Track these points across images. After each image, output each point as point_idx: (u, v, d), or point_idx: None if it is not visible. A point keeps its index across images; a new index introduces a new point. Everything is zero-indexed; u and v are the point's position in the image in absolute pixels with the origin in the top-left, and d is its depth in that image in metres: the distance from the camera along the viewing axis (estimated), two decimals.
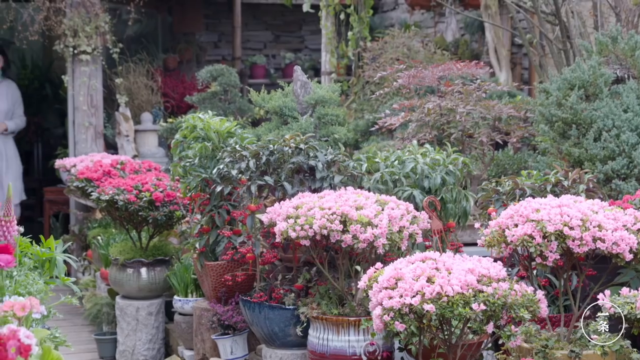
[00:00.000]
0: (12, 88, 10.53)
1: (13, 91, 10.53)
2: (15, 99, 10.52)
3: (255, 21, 13.18)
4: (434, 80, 6.57)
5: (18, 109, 10.55)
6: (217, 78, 8.77)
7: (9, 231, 3.34)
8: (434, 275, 3.54)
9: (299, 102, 6.40)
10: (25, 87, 12.69)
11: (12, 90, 10.50)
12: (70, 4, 9.56)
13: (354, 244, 4.18)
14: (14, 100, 10.48)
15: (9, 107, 10.42)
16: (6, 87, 10.45)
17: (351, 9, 9.54)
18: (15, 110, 10.52)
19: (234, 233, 5.26)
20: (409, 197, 4.76)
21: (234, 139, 5.53)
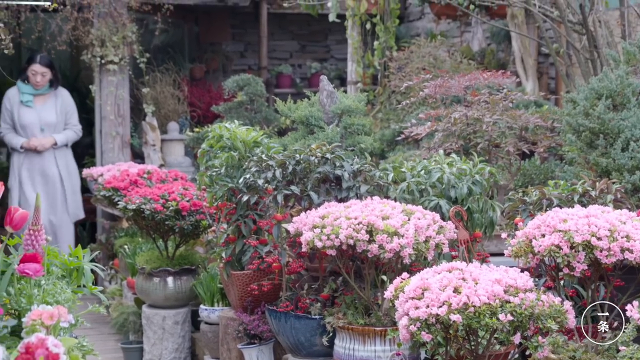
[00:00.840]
0: (63, 98, 9.62)
1: (63, 101, 9.60)
2: (67, 109, 9.62)
3: (281, 31, 13.21)
4: (461, 90, 6.55)
5: (70, 119, 9.64)
6: (244, 88, 8.79)
7: (37, 240, 3.36)
8: (461, 285, 3.53)
9: (325, 111, 6.40)
10: None
11: (62, 100, 9.59)
12: (98, 14, 9.62)
13: (380, 253, 4.17)
14: (65, 110, 9.58)
15: (58, 119, 9.51)
16: (54, 98, 9.54)
17: (377, 19, 9.54)
18: (68, 121, 9.61)
19: (260, 242, 5.26)
20: (435, 207, 4.75)
21: (260, 149, 5.54)
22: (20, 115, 9.35)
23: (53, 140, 9.40)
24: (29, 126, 9.34)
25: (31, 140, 9.29)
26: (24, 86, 9.35)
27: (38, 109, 9.41)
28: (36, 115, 9.38)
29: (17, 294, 3.17)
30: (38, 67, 9.28)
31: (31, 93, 9.37)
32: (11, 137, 9.39)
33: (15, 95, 9.40)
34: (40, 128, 9.36)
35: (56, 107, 9.47)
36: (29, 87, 9.34)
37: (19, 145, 9.30)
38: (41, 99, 9.45)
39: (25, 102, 9.32)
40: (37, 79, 9.27)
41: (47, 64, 9.33)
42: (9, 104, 9.39)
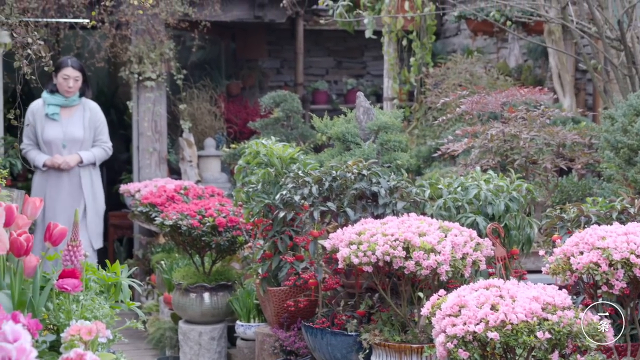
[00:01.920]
0: (92, 111, 8.54)
1: (93, 115, 8.53)
2: (97, 124, 8.55)
3: (317, 47, 13.24)
4: (497, 106, 6.54)
5: (100, 135, 8.56)
6: (280, 104, 8.81)
7: (76, 256, 3.38)
8: (498, 302, 3.51)
9: (362, 128, 6.40)
10: None
11: (91, 114, 8.53)
12: (135, 31, 9.69)
13: (417, 270, 4.17)
14: (94, 125, 8.51)
15: (86, 134, 8.44)
16: (82, 111, 8.49)
17: (413, 35, 9.54)
18: (97, 137, 8.56)
19: (296, 259, 5.27)
20: (472, 223, 4.74)
21: (296, 165, 5.55)
22: (44, 130, 8.34)
23: (79, 158, 8.39)
24: (53, 142, 8.36)
25: (55, 158, 8.29)
26: (51, 97, 8.36)
27: (64, 122, 8.40)
28: (61, 130, 8.38)
29: (55, 309, 3.20)
30: (70, 71, 8.24)
31: (58, 104, 8.35)
32: (34, 154, 8.38)
33: (40, 108, 8.39)
34: (62, 144, 8.38)
35: (84, 122, 8.48)
36: (57, 97, 8.34)
37: (42, 163, 8.30)
38: (68, 111, 8.42)
39: (51, 115, 8.32)
40: (69, 84, 8.25)
41: (79, 68, 8.37)
42: (33, 118, 8.39)
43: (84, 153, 8.42)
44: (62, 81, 8.25)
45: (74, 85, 8.30)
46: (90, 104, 8.57)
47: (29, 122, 8.32)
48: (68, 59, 8.33)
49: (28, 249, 3.15)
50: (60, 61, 8.31)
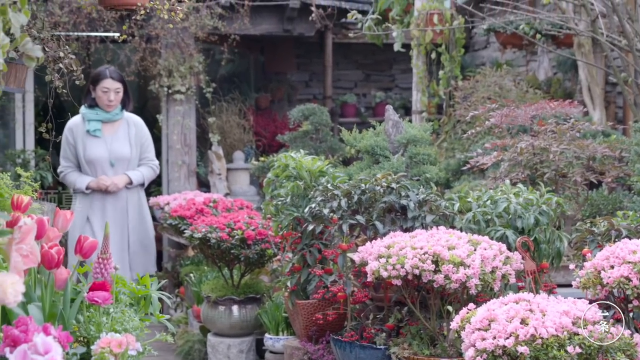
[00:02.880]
0: (137, 126, 7.72)
1: (138, 130, 7.70)
2: (143, 140, 7.71)
3: (346, 60, 13.26)
4: (527, 120, 6.52)
5: (146, 152, 7.72)
6: (309, 117, 8.83)
7: (106, 269, 3.40)
8: (528, 316, 3.50)
9: (391, 141, 6.40)
10: None
11: (137, 129, 7.69)
12: (165, 44, 9.75)
13: (446, 284, 4.16)
14: (140, 141, 7.66)
15: (133, 152, 7.61)
16: (127, 126, 7.64)
17: (442, 48, 9.53)
18: (144, 154, 7.71)
19: (325, 272, 5.27)
20: (501, 237, 4.72)
21: (325, 178, 5.56)
22: (86, 149, 7.45)
23: (127, 179, 7.55)
24: (98, 161, 7.47)
25: (101, 179, 7.43)
26: (90, 112, 7.48)
27: (108, 139, 7.51)
28: (105, 148, 7.49)
29: (86, 321, 3.22)
30: (110, 83, 7.40)
31: (99, 119, 7.47)
32: (74, 177, 7.52)
33: (79, 125, 7.51)
34: (110, 163, 7.48)
35: (129, 138, 7.60)
36: (97, 111, 7.46)
37: (85, 186, 7.45)
38: (111, 127, 7.54)
39: (93, 132, 7.44)
40: (109, 97, 7.38)
41: (119, 79, 7.50)
42: (72, 136, 7.48)
43: (133, 173, 7.58)
44: (101, 94, 7.40)
45: (114, 99, 7.45)
46: (134, 119, 7.73)
47: (68, 141, 7.42)
48: (106, 69, 7.46)
49: (59, 262, 3.17)
50: (98, 72, 7.46)
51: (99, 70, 7.40)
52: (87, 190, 7.41)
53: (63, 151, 7.49)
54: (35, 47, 3.41)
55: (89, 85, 7.16)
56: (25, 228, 2.75)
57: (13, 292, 2.41)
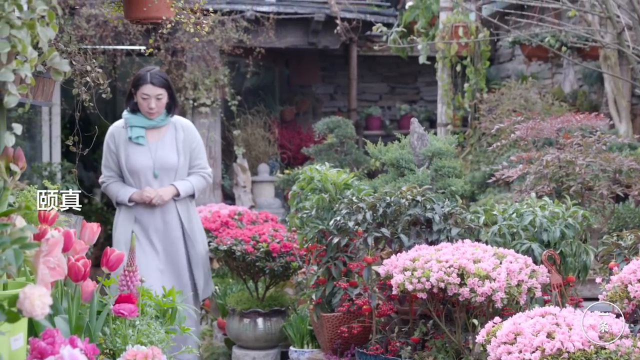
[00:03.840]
0: (186, 130, 6.61)
1: (187, 135, 6.61)
2: (193, 146, 6.63)
3: (370, 73, 13.27)
4: (553, 132, 6.50)
5: (197, 160, 6.66)
6: (334, 130, 8.84)
7: (132, 281, 3.42)
8: (554, 330, 3.48)
9: (416, 154, 6.39)
10: None
11: (186, 134, 6.60)
12: (191, 57, 9.79)
13: (472, 297, 4.14)
14: (189, 148, 6.60)
15: (180, 160, 6.52)
16: (174, 131, 6.56)
17: (468, 61, 9.53)
18: (194, 162, 6.65)
19: (350, 285, 5.26)
20: (527, 250, 4.71)
21: (350, 191, 5.56)
22: (128, 157, 6.48)
23: (174, 191, 6.47)
24: (141, 171, 6.47)
25: (144, 191, 6.41)
26: (133, 117, 6.50)
27: (152, 147, 6.51)
28: (150, 156, 6.48)
29: (112, 334, 3.23)
30: (150, 89, 6.39)
31: (142, 126, 6.49)
32: (116, 188, 6.53)
33: (121, 131, 6.54)
34: (153, 174, 6.47)
35: (177, 144, 6.57)
36: (140, 117, 6.47)
37: (127, 198, 6.44)
38: (156, 133, 6.55)
39: (135, 139, 6.47)
40: (150, 104, 6.41)
41: (162, 84, 6.44)
42: (114, 144, 6.55)
43: (180, 183, 6.51)
44: (141, 101, 6.42)
45: (156, 106, 6.41)
46: (183, 122, 6.67)
47: (110, 149, 6.54)
48: (147, 72, 6.44)
49: (85, 274, 3.18)
50: (138, 77, 6.46)
51: (139, 74, 6.46)
52: (130, 203, 6.43)
53: (105, 160, 6.60)
54: (63, 61, 3.43)
55: (130, 89, 6.42)
56: (52, 241, 2.77)
57: (40, 305, 2.42)
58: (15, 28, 3.13)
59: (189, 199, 6.58)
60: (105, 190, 6.60)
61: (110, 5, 4.97)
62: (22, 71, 3.21)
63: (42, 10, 3.26)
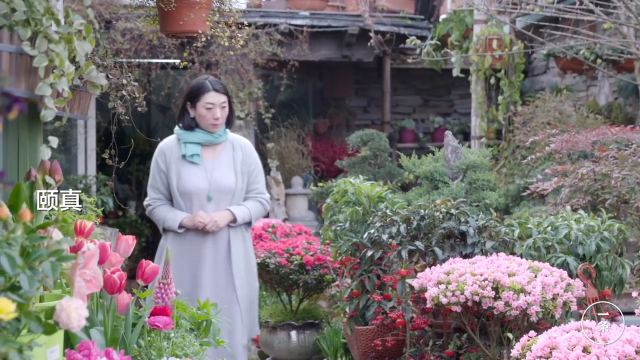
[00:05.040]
0: (244, 150, 5.83)
1: (246, 155, 5.83)
2: (252, 168, 5.83)
3: (404, 86, 13.26)
4: (588, 145, 6.46)
5: (255, 183, 5.85)
6: (367, 142, 8.84)
7: (167, 293, 3.43)
8: (590, 345, 3.45)
9: (450, 167, 6.38)
10: None
11: (244, 154, 5.82)
12: (225, 70, 9.84)
13: (506, 311, 4.12)
14: (248, 169, 5.80)
15: (238, 183, 5.73)
16: (232, 151, 5.79)
17: (502, 73, 9.51)
18: (251, 186, 5.84)
19: (384, 298, 5.25)
20: (562, 263, 4.68)
21: (384, 204, 5.56)
22: (181, 177, 5.68)
23: (231, 216, 5.68)
24: (195, 193, 5.68)
25: (197, 216, 5.62)
26: (187, 133, 5.72)
27: (208, 167, 5.72)
28: (205, 177, 5.69)
29: (147, 346, 3.24)
30: (214, 96, 5.62)
31: (199, 142, 5.71)
32: (164, 212, 5.73)
33: (173, 148, 5.75)
34: (207, 197, 5.68)
35: (235, 165, 5.76)
36: (196, 133, 5.69)
37: (178, 224, 5.65)
38: (212, 151, 5.77)
39: (190, 157, 5.69)
40: (215, 114, 5.62)
41: (224, 90, 5.71)
42: (164, 162, 5.74)
43: (237, 209, 5.72)
44: (204, 112, 5.62)
45: (221, 116, 5.66)
46: (241, 141, 5.89)
47: (159, 168, 5.75)
48: (206, 79, 5.70)
49: (121, 287, 3.20)
50: (198, 85, 5.69)
51: (198, 83, 5.69)
52: (180, 229, 5.64)
53: (152, 179, 5.79)
54: (100, 75, 3.46)
55: (184, 103, 5.69)
56: (89, 253, 2.79)
57: (77, 317, 2.44)
58: (53, 42, 3.16)
59: (245, 227, 5.79)
60: (151, 214, 5.80)
61: (145, 19, 5.01)
62: (60, 85, 3.24)
63: (79, 24, 3.29)
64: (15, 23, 3.18)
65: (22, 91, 3.21)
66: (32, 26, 3.17)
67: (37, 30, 3.18)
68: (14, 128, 3.57)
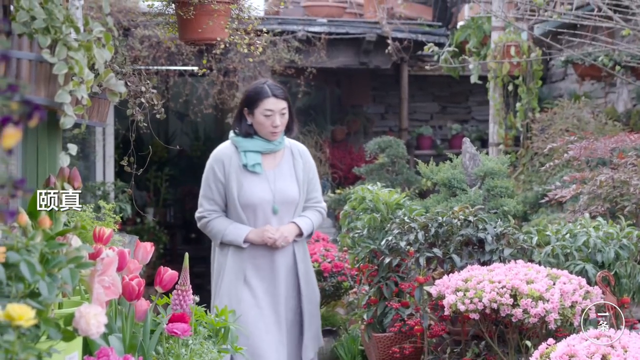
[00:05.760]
0: (304, 158, 5.33)
1: (306, 164, 5.32)
2: (311, 176, 5.32)
3: (421, 93, 13.25)
4: (606, 152, 6.44)
5: (313, 192, 5.34)
6: (385, 149, 8.84)
7: (185, 300, 3.44)
8: (609, 353, 3.44)
9: (468, 174, 6.38)
10: (197, 158, 13.10)
11: (304, 162, 5.31)
12: (242, 77, 9.85)
13: (525, 318, 4.12)
14: (307, 178, 5.29)
15: (301, 193, 5.22)
16: (291, 158, 5.30)
17: (520, 80, 9.49)
18: (310, 194, 5.32)
19: (401, 305, 5.25)
20: (581, 271, 4.67)
21: (402, 211, 5.55)
22: (242, 188, 5.13)
23: (297, 230, 5.18)
24: (259, 205, 5.14)
25: (266, 231, 5.08)
26: (246, 141, 5.19)
27: (270, 176, 5.20)
28: (268, 188, 5.16)
29: (165, 353, 3.25)
30: (274, 103, 5.13)
31: (259, 150, 5.19)
32: (223, 225, 5.15)
33: (232, 157, 5.21)
34: (272, 209, 5.15)
35: (296, 174, 5.27)
36: (255, 141, 5.17)
37: (243, 239, 5.09)
38: (271, 160, 5.27)
39: (252, 167, 5.16)
40: (275, 121, 5.11)
41: (284, 96, 5.21)
42: (222, 172, 5.19)
43: (302, 221, 5.22)
44: (263, 120, 5.12)
45: (281, 123, 5.16)
46: (299, 147, 5.40)
47: (216, 177, 5.19)
48: (264, 84, 5.22)
49: (139, 293, 3.21)
50: (256, 90, 5.20)
51: (256, 88, 5.21)
52: (245, 244, 5.09)
53: (206, 189, 5.23)
54: (119, 82, 3.48)
55: (241, 108, 5.25)
56: (107, 260, 2.80)
57: (96, 324, 2.45)
58: (72, 50, 3.17)
59: (304, 240, 5.29)
60: (206, 226, 5.21)
61: (164, 27, 5.03)
62: (79, 92, 3.25)
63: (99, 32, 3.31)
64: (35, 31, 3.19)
65: (41, 99, 3.23)
66: (52, 34, 3.19)
67: (56, 38, 3.20)
68: (33, 136, 3.59)
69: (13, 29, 3.18)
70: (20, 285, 2.30)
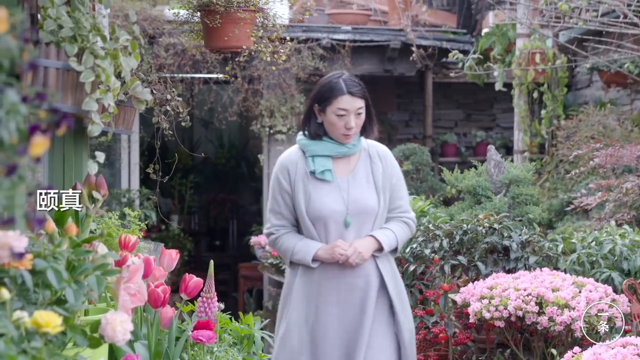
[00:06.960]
0: (384, 161, 4.39)
1: (387, 167, 4.38)
2: (394, 181, 4.36)
3: (446, 100, 13.23)
4: (633, 160, 6.41)
5: (398, 200, 4.36)
6: (409, 157, 8.84)
7: (210, 307, 3.45)
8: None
9: (493, 181, 6.36)
10: (222, 166, 13.13)
11: (384, 165, 4.37)
12: (267, 85, 9.88)
13: (550, 326, 4.10)
14: (389, 183, 4.34)
15: (381, 201, 4.28)
16: (368, 162, 4.39)
17: (545, 87, 9.46)
18: (394, 203, 4.34)
19: (426, 312, 5.24)
20: (607, 279, 4.65)
21: (427, 218, 5.55)
22: (311, 198, 4.29)
23: (375, 244, 4.23)
24: (330, 217, 4.26)
25: (337, 247, 4.18)
26: (314, 144, 4.36)
27: (342, 184, 4.33)
28: (340, 197, 4.29)
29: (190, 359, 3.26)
30: (349, 101, 4.26)
31: (329, 154, 4.34)
32: (292, 241, 4.29)
33: (297, 163, 4.37)
34: (344, 222, 4.25)
35: (375, 180, 4.36)
36: (325, 143, 4.33)
37: (311, 257, 4.21)
38: (345, 165, 4.39)
39: (320, 174, 4.31)
40: (349, 122, 4.24)
41: (361, 94, 4.31)
42: (287, 180, 4.34)
43: (381, 234, 4.28)
44: (335, 120, 4.27)
45: (356, 125, 4.30)
46: (379, 149, 4.48)
47: (281, 187, 4.34)
48: (339, 79, 4.31)
49: (165, 301, 3.22)
50: (330, 86, 4.33)
51: (330, 82, 4.35)
52: (314, 263, 4.20)
53: (273, 202, 4.40)
54: (145, 90, 3.50)
55: (311, 105, 4.41)
56: (133, 267, 2.81)
57: (122, 331, 2.46)
58: (99, 58, 3.20)
59: (390, 255, 4.34)
60: (275, 244, 4.36)
61: (190, 35, 5.05)
62: (105, 100, 3.27)
63: (125, 40, 3.33)
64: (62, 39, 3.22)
65: (69, 107, 3.25)
66: (79, 42, 3.21)
67: (83, 47, 3.22)
68: (60, 143, 3.61)
69: (40, 37, 3.21)
70: (47, 292, 2.32)
